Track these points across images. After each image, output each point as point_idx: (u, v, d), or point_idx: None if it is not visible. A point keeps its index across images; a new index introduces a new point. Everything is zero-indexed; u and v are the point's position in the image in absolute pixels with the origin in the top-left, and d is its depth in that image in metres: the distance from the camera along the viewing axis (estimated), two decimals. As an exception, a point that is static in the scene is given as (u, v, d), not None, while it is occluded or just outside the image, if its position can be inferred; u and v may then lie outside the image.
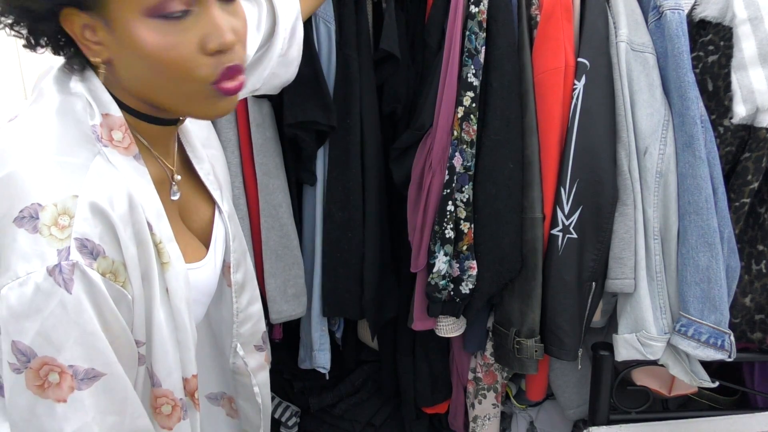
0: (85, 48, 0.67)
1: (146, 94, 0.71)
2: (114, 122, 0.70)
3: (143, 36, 0.64)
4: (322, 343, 1.55)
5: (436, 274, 1.34)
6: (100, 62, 0.68)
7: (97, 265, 0.64)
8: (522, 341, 1.36)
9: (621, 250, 1.30)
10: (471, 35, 1.30)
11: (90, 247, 0.64)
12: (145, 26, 0.64)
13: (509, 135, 1.31)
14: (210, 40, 0.67)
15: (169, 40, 0.64)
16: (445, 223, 1.33)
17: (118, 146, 0.70)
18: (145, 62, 0.65)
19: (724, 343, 1.24)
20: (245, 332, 0.94)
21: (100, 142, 0.68)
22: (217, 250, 0.86)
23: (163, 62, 0.65)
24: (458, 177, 1.32)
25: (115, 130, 0.70)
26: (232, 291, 0.90)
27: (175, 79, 0.67)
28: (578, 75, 1.28)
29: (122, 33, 0.65)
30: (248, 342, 0.96)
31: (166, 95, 0.70)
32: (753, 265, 1.33)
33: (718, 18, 1.28)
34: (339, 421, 1.77)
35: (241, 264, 0.92)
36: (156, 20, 0.64)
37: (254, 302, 0.95)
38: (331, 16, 1.36)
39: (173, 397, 0.76)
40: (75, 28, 0.66)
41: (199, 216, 0.86)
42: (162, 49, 0.64)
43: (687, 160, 1.23)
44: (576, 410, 1.58)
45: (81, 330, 0.63)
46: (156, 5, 0.63)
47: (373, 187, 1.43)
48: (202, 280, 0.82)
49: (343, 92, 1.37)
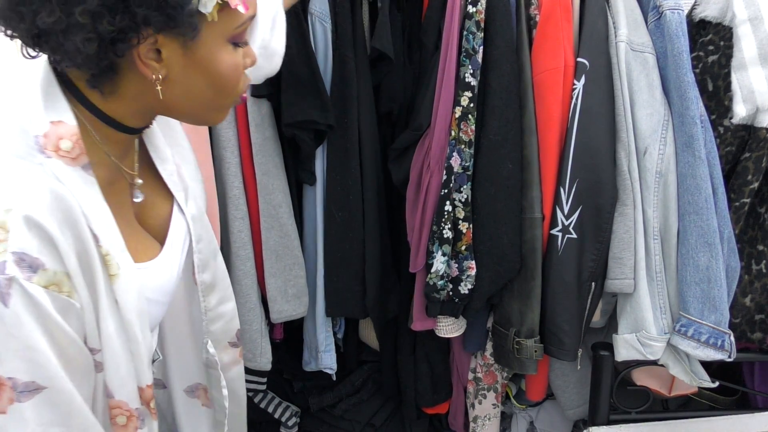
0: (144, 66, 0.69)
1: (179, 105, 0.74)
2: (65, 131, 0.69)
3: (223, 58, 0.72)
4: (327, 344, 1.55)
5: (435, 274, 1.34)
6: (156, 79, 0.70)
7: (38, 279, 0.64)
8: (521, 341, 1.36)
9: (621, 250, 1.29)
10: (468, 35, 1.30)
11: (29, 261, 0.63)
12: (225, 50, 0.72)
13: (508, 135, 1.31)
14: (246, 65, 0.78)
15: (235, 61, 0.74)
16: (443, 223, 1.33)
17: (65, 156, 0.69)
18: (209, 79, 0.73)
19: (724, 343, 1.24)
20: (216, 330, 0.95)
21: (43, 153, 0.67)
22: (175, 249, 0.86)
23: (226, 78, 0.74)
24: (456, 177, 1.32)
25: (64, 139, 0.69)
26: (199, 291, 0.91)
27: (226, 93, 0.75)
28: (578, 75, 1.28)
29: (203, 55, 0.71)
30: (220, 339, 0.97)
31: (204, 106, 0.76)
32: (753, 265, 1.33)
33: (718, 18, 1.27)
34: (339, 421, 1.77)
35: (209, 264, 0.92)
36: (231, 45, 0.73)
37: (225, 302, 0.96)
38: (327, 15, 1.36)
39: (128, 408, 0.77)
40: (142, 48, 0.67)
41: (157, 214, 0.86)
42: (231, 69, 0.74)
43: (687, 160, 1.23)
44: (576, 410, 1.58)
45: (19, 343, 0.63)
46: (237, 35, 0.73)
47: (372, 186, 1.43)
48: (157, 279, 0.81)
49: (340, 92, 1.38)
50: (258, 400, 1.77)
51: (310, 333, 1.56)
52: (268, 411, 1.77)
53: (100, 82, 0.70)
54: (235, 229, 1.39)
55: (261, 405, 1.77)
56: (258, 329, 1.45)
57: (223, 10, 0.69)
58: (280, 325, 1.57)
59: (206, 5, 0.66)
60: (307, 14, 1.35)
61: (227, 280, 0.97)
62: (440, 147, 1.34)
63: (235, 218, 1.38)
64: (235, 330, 1.00)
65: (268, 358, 1.49)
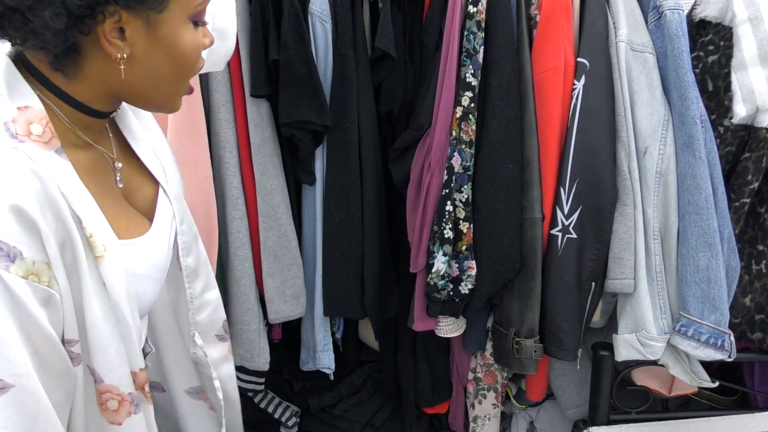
0: (109, 45, 0.68)
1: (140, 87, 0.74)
2: (33, 115, 0.69)
3: (185, 36, 0.73)
4: (325, 344, 1.54)
5: (435, 274, 1.34)
6: (120, 58, 0.70)
7: (15, 268, 0.61)
8: (521, 341, 1.36)
9: (621, 250, 1.29)
10: (469, 35, 1.29)
11: (6, 250, 0.61)
12: (187, 28, 0.73)
13: (508, 135, 1.31)
14: (204, 45, 0.78)
15: (196, 41, 0.75)
16: (444, 223, 1.33)
17: (38, 141, 0.68)
18: (171, 58, 0.73)
19: (724, 343, 1.24)
20: (203, 320, 0.93)
21: (15, 138, 0.66)
22: (164, 226, 0.84)
23: (188, 57, 0.74)
24: (457, 177, 1.32)
25: (34, 123, 0.68)
26: (184, 276, 0.89)
27: (186, 73, 0.76)
28: (578, 75, 1.28)
29: (166, 32, 0.71)
30: (207, 331, 0.94)
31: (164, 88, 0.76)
32: (753, 265, 1.33)
33: (718, 18, 1.27)
34: (339, 421, 1.77)
35: (192, 248, 0.90)
36: (192, 24, 0.74)
37: (209, 289, 0.94)
38: (327, 15, 1.36)
39: (119, 392, 0.74)
40: (107, 26, 0.67)
41: (143, 195, 0.85)
42: (193, 47, 0.74)
43: (687, 160, 1.23)
44: (576, 410, 1.58)
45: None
46: (198, 13, 0.74)
47: (372, 186, 1.43)
48: (149, 254, 0.80)
49: (340, 92, 1.37)
50: (258, 400, 1.77)
51: (308, 333, 1.55)
52: (268, 411, 1.77)
53: (63, 63, 0.69)
54: (233, 229, 1.39)
55: (261, 405, 1.77)
56: (256, 329, 1.45)
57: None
58: (278, 325, 1.57)
59: None
60: (307, 14, 1.35)
61: (209, 266, 0.95)
62: (441, 147, 1.34)
63: (233, 218, 1.38)
64: (222, 321, 0.97)
65: (266, 359, 1.49)
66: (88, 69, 0.71)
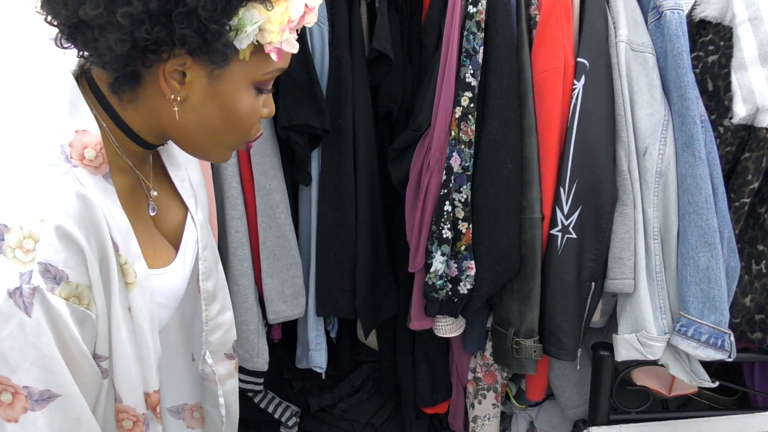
0: (166, 83, 0.69)
1: (190, 132, 0.74)
2: (89, 140, 0.70)
3: (243, 98, 0.73)
4: (318, 342, 1.55)
5: (433, 273, 1.34)
6: (174, 99, 0.70)
7: (60, 290, 0.65)
8: (521, 341, 1.36)
9: (620, 250, 1.29)
10: (469, 35, 1.29)
11: (53, 272, 0.65)
12: (247, 92, 0.73)
13: (508, 135, 1.31)
14: (262, 114, 0.79)
15: (254, 106, 0.75)
16: (443, 223, 1.33)
17: (89, 165, 0.70)
18: (225, 115, 0.73)
19: (724, 343, 1.24)
20: (215, 341, 0.95)
21: (69, 162, 0.68)
22: (187, 256, 0.87)
23: (242, 119, 0.75)
24: (456, 177, 1.32)
25: (89, 148, 0.70)
26: (202, 299, 0.91)
27: (238, 133, 0.76)
28: (578, 75, 1.27)
29: (225, 89, 0.71)
30: (218, 350, 0.97)
31: (213, 139, 0.76)
32: (753, 265, 1.33)
33: (718, 18, 1.27)
34: (339, 421, 1.77)
35: (212, 273, 0.92)
36: (254, 90, 0.74)
37: (225, 311, 0.96)
38: (324, 16, 1.36)
39: (135, 413, 0.78)
40: (169, 66, 0.68)
41: (172, 218, 0.88)
42: (249, 112, 0.75)
43: (687, 160, 1.23)
44: (576, 410, 1.58)
45: (38, 352, 0.64)
46: (263, 81, 0.74)
47: (366, 187, 1.43)
48: (169, 285, 0.83)
49: (336, 93, 1.37)
50: (258, 400, 1.77)
51: (303, 331, 1.56)
52: (268, 411, 1.77)
53: (121, 87, 0.70)
54: (232, 229, 1.38)
55: (261, 405, 1.77)
56: (255, 329, 1.45)
57: (256, 53, 0.70)
58: (278, 325, 1.57)
59: (241, 41, 0.67)
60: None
61: (226, 289, 0.98)
62: (440, 147, 1.34)
63: (232, 218, 1.38)
64: (232, 341, 1.00)
65: (265, 359, 1.49)
66: (144, 100, 0.72)
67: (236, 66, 0.70)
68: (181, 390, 1.00)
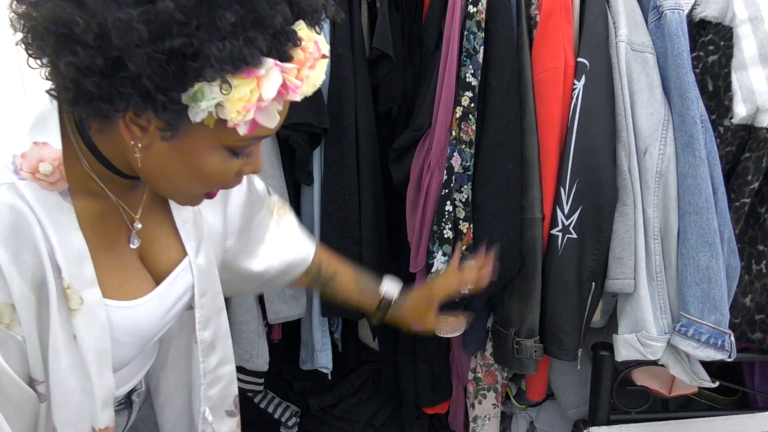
0: (127, 130, 0.63)
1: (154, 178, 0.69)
2: (47, 153, 0.65)
3: (209, 160, 0.66)
4: (323, 343, 1.54)
5: (435, 274, 1.34)
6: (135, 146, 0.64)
7: None
8: (521, 341, 1.36)
9: (621, 250, 1.29)
10: (469, 35, 1.29)
11: None
12: (216, 153, 0.66)
13: (508, 135, 1.31)
14: (244, 172, 0.71)
15: (224, 168, 0.67)
16: (444, 223, 1.33)
17: (42, 180, 0.65)
18: (188, 171, 0.67)
19: (724, 343, 1.24)
20: (214, 395, 0.90)
21: (17, 174, 0.64)
22: (168, 297, 0.81)
23: (207, 178, 0.68)
24: (457, 177, 1.32)
25: (45, 162, 0.65)
26: (199, 349, 0.86)
27: (204, 186, 0.70)
28: (578, 75, 1.28)
29: (189, 147, 0.64)
30: (218, 407, 0.91)
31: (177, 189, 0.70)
32: (753, 265, 1.33)
33: (718, 18, 1.27)
34: (339, 422, 1.77)
35: (211, 322, 0.87)
36: (226, 152, 0.66)
37: (226, 363, 0.91)
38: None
39: None
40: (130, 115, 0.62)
41: (167, 258, 0.82)
42: (217, 173, 0.67)
43: (687, 160, 1.23)
44: (576, 410, 1.58)
45: None
46: (236, 147, 0.66)
47: (369, 186, 1.43)
48: (131, 320, 0.76)
49: (337, 92, 1.37)
50: (258, 400, 1.77)
51: (307, 332, 1.56)
52: (268, 411, 1.77)
53: (85, 119, 0.65)
54: (233, 229, 1.38)
55: (261, 405, 1.77)
56: (255, 330, 1.45)
57: (223, 121, 0.62)
58: (278, 325, 1.57)
59: (195, 115, 0.60)
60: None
61: (229, 340, 0.92)
62: (441, 147, 1.34)
63: (233, 218, 1.38)
64: (233, 396, 0.94)
65: (265, 359, 1.49)
66: (111, 133, 0.66)
67: (199, 129, 0.63)
68: None
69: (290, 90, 0.62)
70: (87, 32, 0.55)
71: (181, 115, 0.60)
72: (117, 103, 0.60)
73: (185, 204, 0.75)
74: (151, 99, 0.58)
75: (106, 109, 0.60)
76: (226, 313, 0.90)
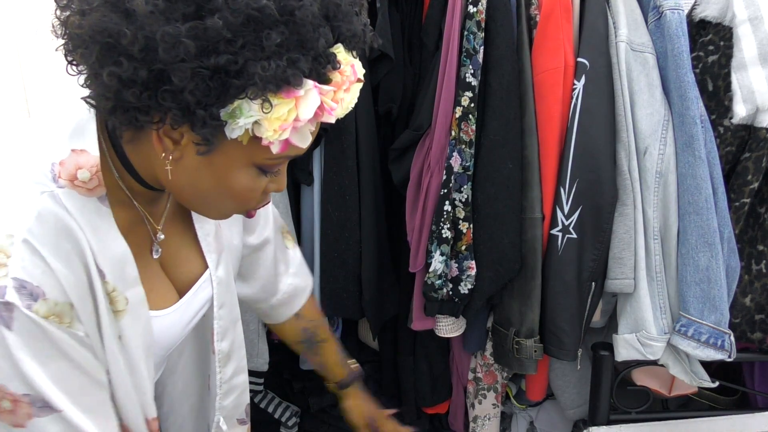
0: (159, 142, 0.65)
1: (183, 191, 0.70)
2: (85, 161, 0.67)
3: (239, 176, 0.67)
4: (324, 343, 1.54)
5: (433, 273, 1.34)
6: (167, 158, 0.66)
7: (37, 308, 0.62)
8: (521, 341, 1.36)
9: (621, 250, 1.29)
10: (469, 35, 1.29)
11: (29, 289, 0.62)
12: (245, 170, 0.67)
13: (508, 135, 1.31)
14: (269, 190, 0.73)
15: (253, 185, 0.69)
16: (442, 223, 1.33)
17: (80, 186, 0.66)
18: (219, 186, 0.68)
19: (724, 343, 1.24)
20: (228, 405, 0.91)
21: (55, 182, 0.66)
22: (190, 308, 0.83)
23: (237, 195, 0.69)
24: (456, 177, 1.32)
25: (83, 169, 0.66)
26: (216, 359, 0.87)
27: (232, 204, 0.71)
28: (578, 75, 1.28)
29: (221, 162, 0.66)
30: (231, 416, 0.93)
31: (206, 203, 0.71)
32: (753, 265, 1.33)
33: (718, 18, 1.27)
34: (339, 421, 1.76)
35: (228, 332, 0.89)
36: (255, 169, 0.67)
37: (240, 373, 0.93)
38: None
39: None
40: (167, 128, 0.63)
41: (189, 270, 0.83)
42: (245, 189, 0.68)
43: (687, 160, 1.23)
44: (576, 410, 1.58)
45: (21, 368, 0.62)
46: (265, 165, 0.67)
47: (370, 186, 1.43)
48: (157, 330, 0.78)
49: (336, 92, 1.37)
50: (258, 400, 1.77)
51: (308, 332, 1.55)
52: (268, 411, 1.77)
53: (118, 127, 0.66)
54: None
55: (261, 405, 1.77)
56: (255, 330, 1.45)
57: (257, 139, 0.63)
58: (279, 325, 1.57)
59: (232, 131, 0.62)
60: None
61: (243, 350, 0.93)
62: (440, 147, 1.34)
63: (233, 219, 1.38)
64: (245, 404, 0.96)
65: (265, 359, 1.48)
66: (142, 144, 0.68)
67: (233, 145, 0.64)
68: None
69: (326, 112, 0.64)
70: (133, 44, 0.56)
71: (218, 130, 0.61)
72: (154, 114, 0.61)
73: (212, 218, 0.76)
74: (190, 113, 0.60)
75: (142, 120, 0.62)
76: (241, 324, 0.92)
